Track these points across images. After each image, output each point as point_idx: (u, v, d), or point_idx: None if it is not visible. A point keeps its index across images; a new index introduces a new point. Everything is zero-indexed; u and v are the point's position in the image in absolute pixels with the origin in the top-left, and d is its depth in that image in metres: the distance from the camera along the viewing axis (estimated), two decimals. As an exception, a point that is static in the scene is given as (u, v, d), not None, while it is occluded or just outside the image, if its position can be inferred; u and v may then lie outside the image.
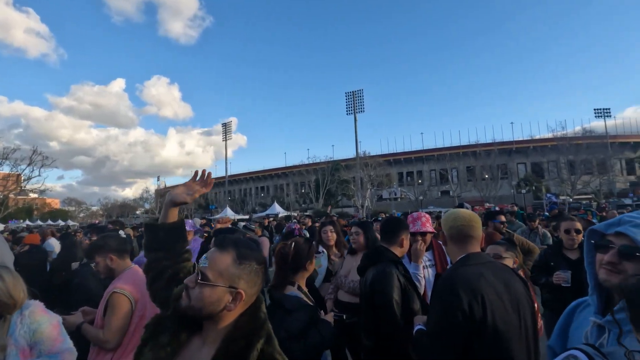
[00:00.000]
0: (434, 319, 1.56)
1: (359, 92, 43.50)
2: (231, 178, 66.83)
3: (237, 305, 1.10)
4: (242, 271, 1.11)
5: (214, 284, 1.07)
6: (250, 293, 1.13)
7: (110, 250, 2.35)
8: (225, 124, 54.67)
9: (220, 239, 1.20)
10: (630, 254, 1.03)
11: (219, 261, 1.10)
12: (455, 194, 40.01)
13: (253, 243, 1.28)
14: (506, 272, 1.65)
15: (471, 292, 1.46)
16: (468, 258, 1.65)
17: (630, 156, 46.42)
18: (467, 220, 1.72)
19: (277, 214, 33.55)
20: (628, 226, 1.05)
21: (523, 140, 51.30)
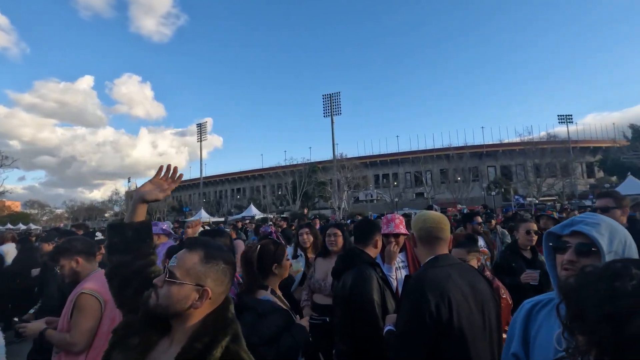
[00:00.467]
0: (403, 319, 1.58)
1: (336, 95, 43.89)
2: (206, 179, 65.52)
3: (204, 303, 1.12)
4: (209, 270, 1.13)
5: (181, 282, 1.09)
6: (217, 291, 1.15)
7: (77, 252, 2.26)
8: (200, 125, 53.61)
9: (191, 239, 1.21)
10: (587, 250, 1.09)
11: (187, 260, 1.13)
12: (429, 196, 41.00)
13: (222, 245, 1.29)
14: (472, 274, 1.70)
15: (439, 293, 1.49)
16: (437, 260, 1.68)
17: (590, 160, 49.26)
18: (435, 223, 1.75)
19: (253, 216, 33.13)
20: (581, 225, 1.12)
21: (493, 144, 53.33)
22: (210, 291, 1.12)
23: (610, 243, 1.08)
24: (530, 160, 40.17)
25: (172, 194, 33.49)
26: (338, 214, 35.49)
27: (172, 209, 59.63)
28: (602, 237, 1.09)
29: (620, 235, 1.11)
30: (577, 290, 0.77)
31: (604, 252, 1.07)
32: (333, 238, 3.10)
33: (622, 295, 0.69)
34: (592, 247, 1.08)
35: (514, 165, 48.17)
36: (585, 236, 1.10)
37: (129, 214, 1.37)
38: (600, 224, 1.13)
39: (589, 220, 1.14)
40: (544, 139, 43.54)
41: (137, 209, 1.37)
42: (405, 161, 53.67)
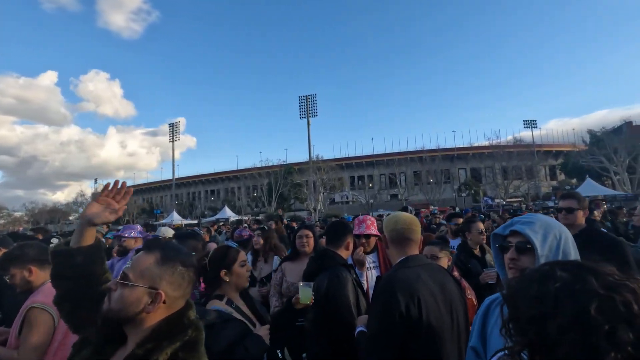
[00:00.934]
0: (374, 320, 1.59)
1: (312, 97, 43.92)
2: (179, 181, 63.77)
3: (157, 307, 1.07)
4: (164, 272, 1.09)
5: (133, 284, 1.05)
6: (172, 295, 1.10)
7: (29, 260, 2.08)
8: (173, 124, 52.10)
9: (149, 241, 1.15)
10: (523, 247, 1.18)
11: (141, 261, 1.09)
12: (403, 198, 41.82)
13: (183, 247, 1.22)
14: (441, 274, 1.73)
15: (408, 294, 1.51)
16: (407, 260, 1.70)
17: (552, 163, 52.02)
18: (407, 224, 1.77)
19: (227, 218, 32.57)
20: (518, 225, 1.21)
21: (463, 147, 55.19)
22: (164, 294, 1.07)
23: (544, 239, 1.16)
24: (498, 163, 41.87)
25: (142, 196, 32.37)
26: (314, 215, 35.51)
27: (143, 211, 57.57)
28: (535, 234, 1.17)
29: (554, 231, 1.18)
30: (513, 293, 0.81)
31: (536, 249, 1.15)
32: (305, 240, 3.07)
33: (546, 297, 0.72)
34: (528, 245, 1.16)
35: (483, 168, 50.06)
36: (522, 235, 1.18)
37: (76, 238, 1.26)
38: (534, 222, 1.20)
39: (525, 220, 1.22)
40: (511, 143, 45.57)
41: (85, 233, 1.26)
42: (380, 163, 54.53)
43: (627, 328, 0.63)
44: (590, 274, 0.73)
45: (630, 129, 36.71)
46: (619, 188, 29.18)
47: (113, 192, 1.34)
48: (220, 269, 1.89)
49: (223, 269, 1.89)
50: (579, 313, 0.67)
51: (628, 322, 0.64)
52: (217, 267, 1.89)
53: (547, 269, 0.78)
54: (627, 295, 0.67)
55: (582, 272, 0.74)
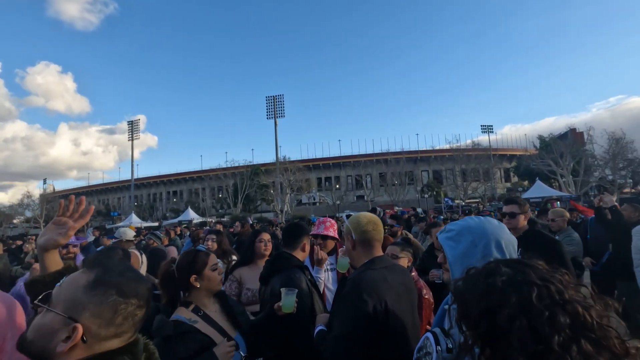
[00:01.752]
0: (340, 321, 1.57)
1: (280, 97, 43.76)
2: (138, 181, 60.91)
3: (70, 345, 0.79)
4: (89, 299, 0.82)
5: (48, 308, 0.81)
6: (97, 332, 0.82)
7: None
8: (132, 122, 49.66)
9: (89, 257, 1.07)
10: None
11: (71, 282, 0.85)
12: (369, 199, 42.64)
13: (137, 272, 0.96)
14: (405, 275, 1.79)
15: (376, 296, 1.53)
16: (373, 262, 1.71)
17: (506, 166, 55.31)
18: (373, 225, 1.79)
19: (191, 220, 31.51)
20: (442, 232, 1.34)
21: (426, 150, 57.28)
22: (83, 329, 0.80)
23: (456, 244, 1.26)
24: (458, 166, 43.91)
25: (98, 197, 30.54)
26: (280, 217, 35.26)
27: (98, 214, 54.27)
28: (447, 241, 1.29)
29: (475, 235, 1.25)
30: (462, 291, 0.86)
31: (448, 257, 1.27)
32: (265, 243, 3.03)
33: (493, 291, 0.79)
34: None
35: (444, 170, 52.25)
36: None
37: (41, 267, 1.24)
38: (454, 229, 1.30)
39: (448, 227, 1.33)
40: (470, 147, 47.94)
41: (44, 260, 1.22)
42: (347, 165, 55.28)
43: (563, 312, 0.72)
44: (528, 267, 0.82)
45: (574, 135, 39.84)
46: (564, 190, 31.54)
47: (70, 210, 1.26)
48: (190, 274, 1.76)
49: (193, 274, 1.77)
50: (524, 302, 0.75)
51: (563, 307, 0.73)
52: (187, 273, 1.77)
53: (492, 266, 0.86)
54: (558, 284, 0.77)
55: (522, 266, 0.83)
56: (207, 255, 1.87)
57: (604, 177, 31.92)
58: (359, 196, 52.28)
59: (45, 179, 68.20)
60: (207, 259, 1.84)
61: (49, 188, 60.43)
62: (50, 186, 62.20)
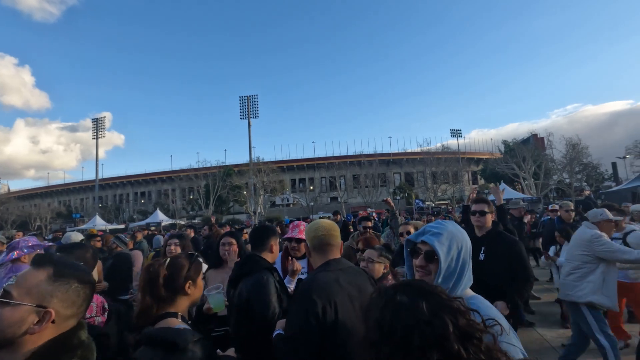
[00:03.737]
0: (291, 322, 1.61)
1: (254, 97, 43.16)
2: (103, 182, 58.16)
3: (44, 328, 0.97)
4: (56, 289, 1.01)
5: (17, 302, 0.95)
6: (64, 314, 1.02)
7: None
8: (97, 120, 47.35)
9: (39, 256, 1.05)
10: (431, 256, 1.31)
11: (29, 278, 1.00)
12: (343, 200, 43.02)
13: (78, 262, 1.14)
14: (361, 277, 1.81)
15: (325, 297, 1.56)
16: (328, 264, 1.76)
17: (474, 169, 57.61)
18: (327, 230, 1.84)
19: (159, 222, 30.49)
20: (428, 235, 1.33)
21: (398, 153, 58.60)
22: (54, 313, 0.99)
23: (448, 251, 1.29)
24: (429, 168, 45.21)
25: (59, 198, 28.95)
26: (254, 218, 34.83)
27: (59, 215, 51.35)
28: (441, 246, 1.29)
29: (457, 241, 1.33)
30: (366, 317, 0.92)
31: (441, 261, 1.28)
32: (227, 247, 2.99)
33: (383, 324, 0.85)
34: (435, 256, 1.30)
35: (416, 172, 53.66)
36: (429, 245, 1.32)
37: None
38: (442, 233, 1.32)
39: (434, 230, 1.34)
40: (439, 150, 49.53)
41: None
42: (321, 166, 55.43)
43: (436, 350, 0.78)
44: (424, 297, 0.85)
45: (535, 140, 42.18)
46: (526, 192, 33.28)
47: None
48: (186, 280, 1.63)
49: (189, 281, 1.63)
50: (405, 338, 0.80)
51: (440, 344, 0.78)
52: (183, 279, 1.62)
53: (391, 294, 0.89)
54: (446, 317, 0.81)
55: (418, 295, 0.86)
56: (201, 262, 1.76)
57: (562, 180, 33.93)
58: (333, 198, 52.62)
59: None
60: (201, 267, 1.74)
61: (4, 188, 56.39)
62: (5, 186, 58.07)
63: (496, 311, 1.25)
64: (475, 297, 1.32)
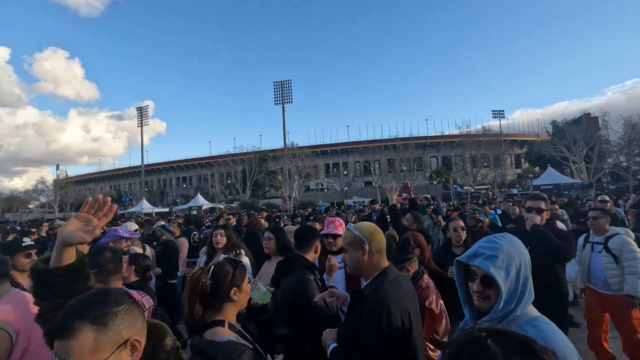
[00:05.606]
0: (369, 338, 1.53)
1: (288, 83, 43.41)
2: (148, 167, 61.61)
3: (139, 353, 1.00)
4: (113, 329, 0.95)
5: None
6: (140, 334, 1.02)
7: None
8: (141, 108, 49.90)
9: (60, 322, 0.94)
10: (489, 283, 1.22)
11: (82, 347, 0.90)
12: (377, 185, 42.55)
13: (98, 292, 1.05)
14: (410, 282, 1.84)
15: (401, 309, 1.56)
16: (386, 273, 1.71)
17: (517, 152, 54.44)
18: (382, 234, 1.79)
19: (200, 206, 31.97)
20: (481, 260, 1.23)
21: (435, 136, 56.61)
22: (136, 338, 1.00)
23: (507, 274, 1.20)
24: (468, 152, 43.33)
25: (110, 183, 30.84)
26: (289, 203, 35.50)
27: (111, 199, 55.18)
28: (499, 272, 1.19)
29: (515, 260, 1.22)
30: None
31: (501, 289, 1.18)
32: (267, 241, 3.10)
33: None
34: (493, 282, 1.20)
35: (454, 156, 51.65)
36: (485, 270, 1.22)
37: (54, 259, 1.19)
38: (497, 255, 1.21)
39: (488, 253, 1.22)
40: (480, 132, 47.16)
41: (62, 254, 1.18)
42: (355, 151, 54.95)
43: None
44: (518, 354, 0.75)
45: (588, 120, 38.89)
46: (576, 176, 31.04)
47: (95, 208, 1.26)
48: (232, 287, 1.60)
49: (234, 288, 1.61)
50: None
51: None
52: (228, 286, 1.60)
53: (482, 343, 0.78)
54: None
55: (511, 351, 0.76)
56: (244, 267, 1.75)
57: (618, 163, 31.21)
58: (367, 182, 52.19)
59: (57, 165, 69.33)
60: (246, 272, 1.73)
61: (62, 174, 61.67)
62: (63, 172, 63.50)
63: (564, 340, 1.13)
64: (540, 319, 1.21)
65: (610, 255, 3.57)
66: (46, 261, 1.21)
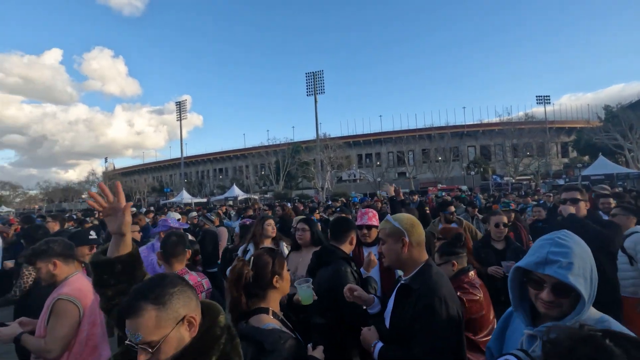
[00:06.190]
0: (430, 334, 1.49)
1: (319, 73, 43.15)
2: (187, 160, 64.20)
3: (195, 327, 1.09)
4: (171, 307, 1.05)
5: (164, 338, 1.02)
6: (195, 312, 1.12)
7: (54, 255, 2.20)
8: (180, 103, 51.86)
9: (127, 304, 1.05)
10: (563, 290, 1.10)
11: (147, 323, 1.01)
12: (411, 176, 41.66)
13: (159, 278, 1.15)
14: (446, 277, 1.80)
15: (456, 302, 1.58)
16: (431, 265, 1.68)
17: (564, 140, 50.88)
18: (422, 226, 1.76)
19: (236, 196, 32.95)
20: (556, 268, 1.10)
21: (473, 124, 54.13)
22: (193, 315, 1.09)
23: (585, 281, 1.09)
24: (509, 140, 41.13)
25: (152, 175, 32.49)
26: (321, 194, 35.71)
27: (153, 190, 58.47)
28: (578, 280, 1.07)
29: (588, 262, 1.12)
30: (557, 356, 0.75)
31: (584, 297, 1.07)
32: (301, 233, 3.13)
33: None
34: (572, 292, 1.09)
35: (493, 145, 49.27)
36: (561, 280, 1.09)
37: (112, 250, 1.32)
38: (573, 262, 1.09)
39: (564, 261, 1.09)
40: (522, 120, 44.50)
41: (119, 244, 1.32)
42: (388, 141, 53.94)
43: None
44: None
45: (647, 104, 35.46)
46: (632, 166, 28.58)
47: (108, 197, 1.35)
48: (273, 275, 1.67)
49: (275, 276, 1.67)
50: None
51: None
52: (270, 274, 1.67)
53: (599, 342, 0.70)
54: None
55: (633, 349, 0.69)
56: (283, 256, 1.81)
57: (682, 151, 28.36)
58: (401, 173, 51.20)
59: (106, 158, 74.40)
60: (284, 261, 1.78)
61: (110, 166, 66.01)
62: (111, 164, 67.93)
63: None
64: (606, 319, 1.13)
65: (625, 255, 3.30)
66: (104, 252, 1.35)
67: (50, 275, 2.21)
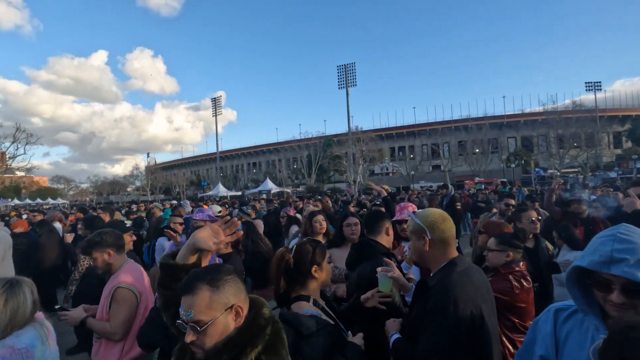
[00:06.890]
0: (433, 333, 1.47)
1: (351, 66, 42.70)
2: (222, 154, 66.28)
3: (242, 316, 1.16)
4: (223, 292, 1.13)
5: (212, 320, 1.09)
6: (243, 303, 1.18)
7: (108, 245, 2.40)
8: (215, 99, 53.50)
9: (185, 282, 1.15)
10: (637, 291, 1.01)
11: (200, 302, 1.10)
12: (447, 169, 40.38)
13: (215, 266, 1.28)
14: (483, 274, 1.71)
15: (472, 303, 1.46)
16: (455, 263, 1.59)
17: (617, 129, 47.04)
18: (449, 222, 1.67)
19: (269, 190, 33.61)
20: (624, 267, 1.00)
21: (514, 114, 51.43)
22: (241, 305, 1.16)
23: None
24: (554, 131, 38.65)
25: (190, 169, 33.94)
26: (353, 187, 35.58)
27: (191, 183, 61.02)
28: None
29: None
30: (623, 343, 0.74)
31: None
32: (353, 227, 3.04)
33: None
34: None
35: (536, 136, 46.55)
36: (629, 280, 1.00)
37: (182, 256, 1.38)
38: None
39: (631, 259, 1.00)
40: (569, 108, 41.59)
41: (190, 255, 1.38)
42: (422, 133, 52.53)
43: None
44: None
45: None
46: (697, 157, 25.94)
47: (226, 226, 1.44)
48: (312, 265, 1.73)
49: (314, 265, 1.73)
50: None
51: None
52: (309, 263, 1.73)
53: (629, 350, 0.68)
54: None
55: None
56: (324, 246, 1.87)
57: None
58: (435, 166, 49.85)
59: (148, 153, 78.66)
60: (325, 250, 1.83)
61: (152, 161, 69.58)
62: (153, 159, 71.52)
63: None
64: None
65: None
66: (173, 256, 1.41)
67: (106, 264, 2.41)
